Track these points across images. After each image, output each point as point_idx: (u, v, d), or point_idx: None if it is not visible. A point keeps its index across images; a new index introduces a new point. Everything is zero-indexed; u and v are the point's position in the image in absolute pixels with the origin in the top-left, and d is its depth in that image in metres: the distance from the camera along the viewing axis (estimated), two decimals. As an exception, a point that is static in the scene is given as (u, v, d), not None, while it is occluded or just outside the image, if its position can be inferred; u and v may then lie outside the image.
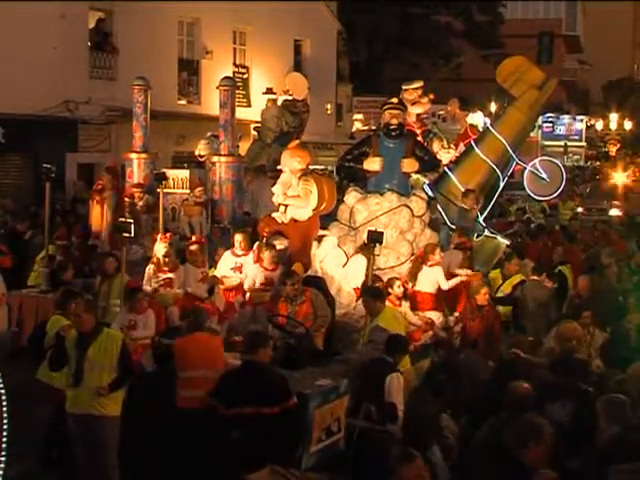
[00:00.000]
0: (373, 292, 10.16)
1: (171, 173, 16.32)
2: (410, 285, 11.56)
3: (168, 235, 11.69)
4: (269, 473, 6.86)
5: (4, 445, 6.09)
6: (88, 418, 7.84)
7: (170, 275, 11.02)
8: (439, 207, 14.29)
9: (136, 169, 16.48)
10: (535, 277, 12.35)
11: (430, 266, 11.73)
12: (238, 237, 11.64)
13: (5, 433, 6.11)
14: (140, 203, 15.23)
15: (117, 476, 7.95)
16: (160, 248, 11.27)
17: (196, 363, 8.28)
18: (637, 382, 7.32)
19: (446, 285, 11.73)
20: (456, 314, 11.74)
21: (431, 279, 11.70)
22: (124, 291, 10.13)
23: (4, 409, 6.10)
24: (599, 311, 10.20)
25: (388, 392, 8.03)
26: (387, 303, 10.18)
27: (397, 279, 11.17)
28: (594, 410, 6.44)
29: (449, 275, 11.92)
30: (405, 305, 11.11)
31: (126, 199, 15.33)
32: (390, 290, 10.89)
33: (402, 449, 5.79)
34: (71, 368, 7.99)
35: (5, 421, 6.11)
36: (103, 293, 11.35)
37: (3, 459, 6.10)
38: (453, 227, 13.68)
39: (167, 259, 11.10)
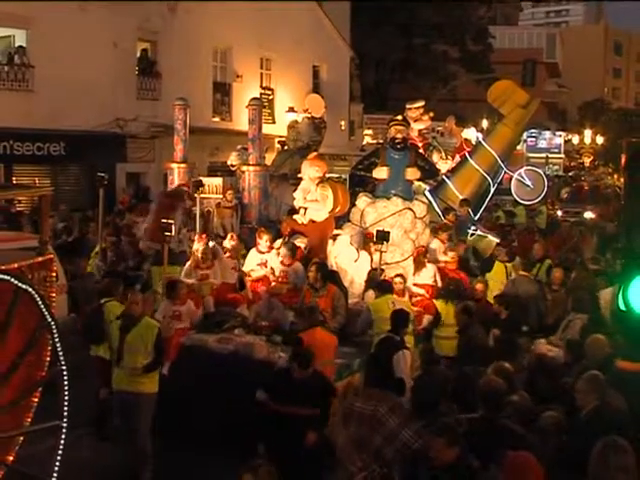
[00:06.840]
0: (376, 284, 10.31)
1: (206, 180, 16.32)
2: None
3: (204, 236, 11.57)
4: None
5: (65, 414, 6.13)
6: (126, 394, 7.95)
7: (207, 271, 10.95)
8: (437, 209, 14.26)
9: (176, 177, 16.54)
10: (523, 272, 12.14)
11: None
12: (265, 237, 11.56)
13: (66, 405, 6.15)
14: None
15: (149, 444, 8.03)
16: (198, 247, 11.20)
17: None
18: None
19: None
20: None
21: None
22: (165, 284, 10.07)
23: (66, 383, 6.14)
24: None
25: (397, 368, 7.94)
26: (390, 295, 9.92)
27: (399, 276, 11.00)
28: None
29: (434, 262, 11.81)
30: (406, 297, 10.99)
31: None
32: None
33: None
34: (114, 350, 8.16)
35: (67, 394, 6.15)
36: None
37: (65, 425, 6.13)
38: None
39: (204, 256, 11.01)
